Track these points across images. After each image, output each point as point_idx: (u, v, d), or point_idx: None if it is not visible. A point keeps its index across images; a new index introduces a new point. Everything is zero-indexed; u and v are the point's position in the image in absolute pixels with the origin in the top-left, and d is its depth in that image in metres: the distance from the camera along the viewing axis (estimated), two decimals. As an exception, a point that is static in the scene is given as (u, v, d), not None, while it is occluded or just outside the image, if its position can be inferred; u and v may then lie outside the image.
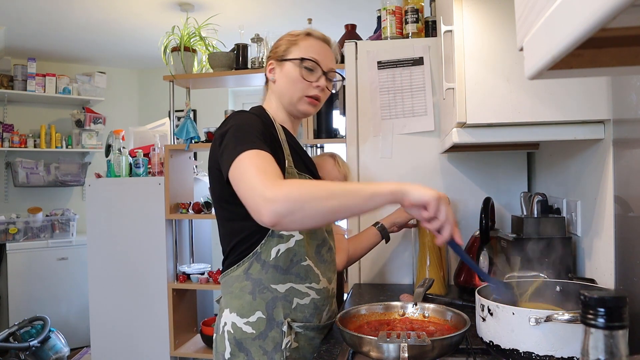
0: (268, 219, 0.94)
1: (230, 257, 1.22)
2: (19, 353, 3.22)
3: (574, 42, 0.41)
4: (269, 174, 1.00)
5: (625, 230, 1.07)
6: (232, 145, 1.08)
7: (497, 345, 0.90)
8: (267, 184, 0.97)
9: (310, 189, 0.96)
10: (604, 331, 0.50)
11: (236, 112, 1.23)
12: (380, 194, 0.96)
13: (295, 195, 0.95)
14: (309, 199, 0.95)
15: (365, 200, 0.96)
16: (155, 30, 3.71)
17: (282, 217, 0.94)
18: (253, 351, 1.16)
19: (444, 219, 0.96)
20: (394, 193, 0.96)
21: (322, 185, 1.00)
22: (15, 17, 3.42)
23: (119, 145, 3.04)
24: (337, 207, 0.96)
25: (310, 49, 1.28)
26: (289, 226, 0.98)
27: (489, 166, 1.88)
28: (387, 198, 0.97)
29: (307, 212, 0.95)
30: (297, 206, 0.94)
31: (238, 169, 1.03)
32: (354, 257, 1.63)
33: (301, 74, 1.26)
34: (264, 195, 0.95)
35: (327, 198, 0.96)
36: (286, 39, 1.31)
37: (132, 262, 2.99)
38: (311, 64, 1.26)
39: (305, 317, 1.21)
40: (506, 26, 1.17)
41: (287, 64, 1.27)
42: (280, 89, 1.29)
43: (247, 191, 1.00)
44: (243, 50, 2.91)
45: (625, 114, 1.07)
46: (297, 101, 1.28)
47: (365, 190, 0.97)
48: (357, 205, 0.97)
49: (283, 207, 0.93)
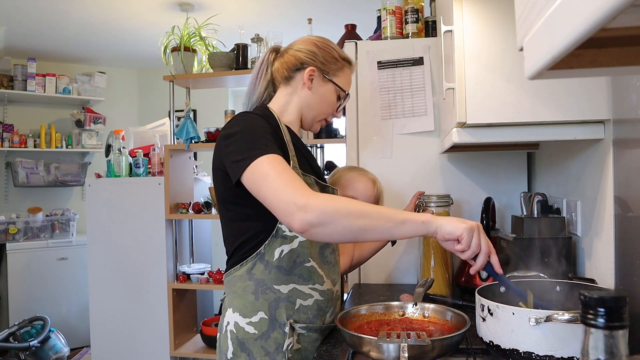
0: (299, 226, 0.96)
1: (234, 257, 1.22)
2: (19, 353, 3.22)
3: (574, 42, 0.41)
4: (297, 181, 1.02)
5: (625, 230, 1.07)
6: (244, 149, 1.08)
7: (497, 345, 0.90)
8: (298, 191, 0.99)
9: (344, 205, 0.99)
10: (604, 331, 0.50)
11: (241, 113, 1.22)
12: (412, 222, 0.98)
13: (328, 207, 0.97)
14: (342, 214, 0.97)
15: (396, 225, 0.98)
16: (155, 30, 3.71)
17: (312, 226, 0.96)
18: (255, 351, 1.16)
19: (476, 249, 0.97)
20: (426, 223, 0.98)
21: (355, 204, 1.01)
22: (15, 17, 3.42)
23: (119, 145, 3.04)
24: (368, 227, 0.97)
25: (348, 81, 1.33)
26: (316, 236, 1.00)
27: (489, 166, 1.88)
28: (418, 227, 0.98)
29: (337, 226, 0.96)
30: (329, 219, 0.96)
31: (257, 174, 1.04)
32: (360, 260, 1.62)
33: (336, 103, 1.31)
34: (296, 201, 0.97)
35: (360, 217, 0.97)
36: (334, 56, 1.29)
37: (132, 262, 2.99)
38: (344, 95, 1.31)
39: (308, 319, 1.20)
40: (506, 26, 1.17)
41: (330, 85, 1.29)
42: (311, 102, 1.29)
43: (274, 197, 1.01)
44: (243, 50, 2.91)
45: (625, 114, 1.07)
46: (317, 121, 1.32)
47: (398, 215, 0.98)
48: (388, 229, 0.98)
49: (315, 218, 0.95)
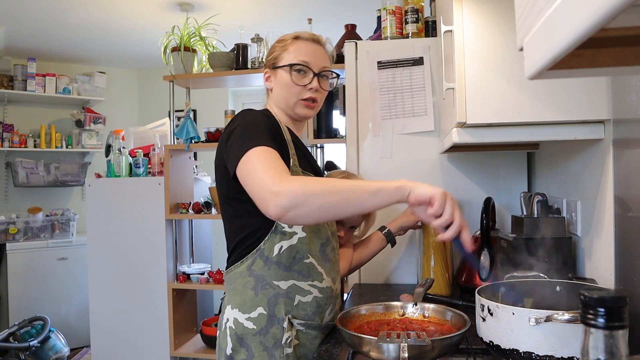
0: (274, 212, 0.97)
1: (235, 254, 1.24)
2: (19, 353, 3.22)
3: (574, 42, 0.41)
4: (276, 168, 1.03)
5: (625, 230, 1.07)
6: (239, 143, 1.10)
7: (497, 345, 0.90)
8: (274, 178, 1.00)
9: (315, 184, 0.99)
10: (604, 331, 0.50)
11: (243, 110, 1.25)
12: (385, 190, 0.97)
13: (300, 189, 0.97)
14: (314, 193, 0.97)
15: (370, 196, 0.97)
16: (155, 30, 3.71)
17: (287, 210, 0.96)
18: (253, 347, 1.17)
19: (450, 214, 0.95)
20: (399, 188, 0.97)
21: (327, 181, 1.02)
22: (15, 17, 3.42)
23: (119, 145, 3.04)
24: (342, 201, 0.97)
25: (299, 52, 1.29)
26: (294, 220, 1.00)
27: (489, 166, 1.88)
28: (392, 194, 0.97)
29: (311, 206, 0.96)
30: (301, 200, 0.96)
31: (246, 164, 1.06)
32: (359, 262, 1.62)
33: (292, 79, 1.27)
34: (271, 189, 0.98)
35: (332, 193, 0.97)
36: (277, 45, 1.32)
37: (132, 262, 2.99)
38: (301, 67, 1.28)
39: (307, 315, 1.21)
40: (506, 26, 1.17)
41: (280, 71, 1.29)
42: (277, 96, 1.32)
43: (255, 185, 1.03)
44: (243, 50, 2.91)
45: (625, 114, 1.07)
46: (294, 105, 1.30)
47: (370, 186, 0.98)
48: (362, 200, 0.98)
49: (288, 201, 0.96)
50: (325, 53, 1.34)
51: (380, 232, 1.62)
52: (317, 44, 1.32)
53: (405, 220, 1.63)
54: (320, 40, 1.34)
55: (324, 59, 1.32)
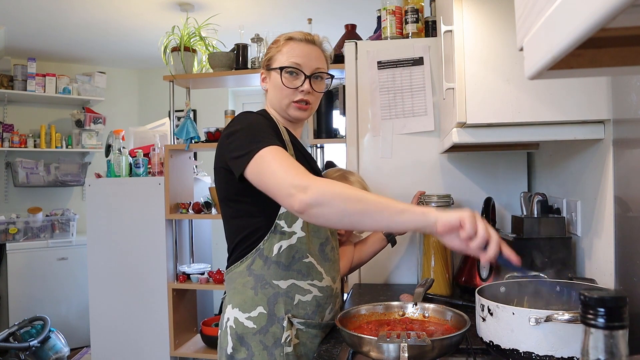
0: (298, 206, 0.97)
1: (235, 254, 1.24)
2: (19, 353, 3.22)
3: (574, 42, 0.41)
4: (296, 166, 1.04)
5: (625, 230, 1.07)
6: (246, 144, 1.10)
7: (497, 345, 0.90)
8: (300, 174, 1.00)
9: (342, 189, 0.99)
10: (604, 331, 0.50)
11: (242, 112, 1.25)
12: (411, 212, 0.95)
13: (328, 189, 0.97)
14: (340, 197, 0.97)
15: (394, 214, 0.95)
16: (155, 30, 3.71)
17: (310, 207, 0.97)
18: (253, 346, 1.18)
19: (484, 232, 0.90)
20: (425, 214, 0.94)
21: (354, 189, 1.01)
22: (15, 17, 3.42)
23: (119, 145, 3.04)
24: (365, 212, 0.96)
25: (291, 54, 1.27)
26: (315, 217, 0.99)
27: (489, 166, 1.88)
28: (417, 218, 0.94)
29: (335, 208, 0.97)
30: (327, 200, 0.96)
31: (259, 164, 1.06)
32: (360, 262, 1.61)
33: (283, 82, 1.26)
34: (295, 183, 0.99)
35: (358, 201, 0.97)
36: (272, 46, 1.32)
37: (132, 262, 2.99)
38: (292, 69, 1.26)
39: (307, 314, 1.22)
40: (506, 26, 1.17)
41: (273, 73, 1.29)
42: (270, 97, 1.32)
43: (275, 181, 1.03)
44: (243, 50, 2.91)
45: (625, 114, 1.07)
46: (287, 108, 1.29)
47: (397, 205, 0.96)
48: (386, 217, 0.96)
49: (314, 198, 0.96)
50: (321, 53, 1.31)
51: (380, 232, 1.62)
52: (311, 44, 1.29)
53: None
54: (315, 40, 1.30)
55: (317, 60, 1.29)
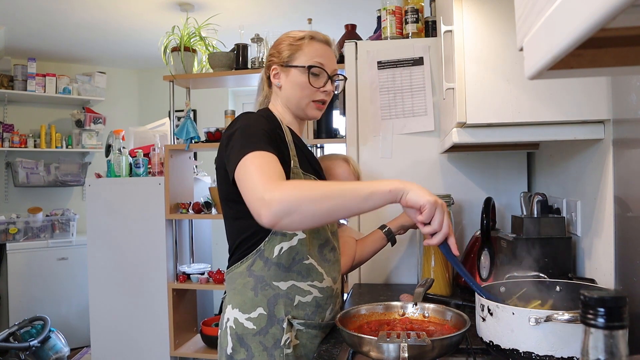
0: (267, 220, 0.96)
1: (235, 254, 1.24)
2: (19, 353, 3.22)
3: (574, 42, 0.41)
4: (270, 174, 1.01)
5: (625, 230, 1.07)
6: (238, 147, 1.09)
7: (497, 345, 0.90)
8: (266, 185, 0.98)
9: (306, 191, 0.97)
10: (604, 331, 0.50)
11: (244, 113, 1.24)
12: (378, 193, 0.97)
13: (291, 197, 0.96)
14: (305, 200, 0.96)
15: (363, 200, 0.97)
16: (155, 30, 3.71)
17: (279, 218, 0.95)
18: (253, 347, 1.18)
19: (438, 224, 0.97)
20: (392, 192, 0.97)
21: (319, 186, 1.01)
22: (15, 17, 3.42)
23: (119, 145, 3.04)
24: (334, 207, 0.97)
25: (315, 54, 1.28)
26: (288, 227, 0.99)
27: (489, 166, 1.88)
28: (385, 197, 0.97)
29: (303, 213, 0.96)
30: (293, 208, 0.95)
31: (241, 169, 1.05)
32: (360, 261, 1.62)
33: (309, 81, 1.26)
34: (263, 197, 0.97)
35: (324, 199, 0.96)
36: (288, 42, 1.30)
37: (132, 262, 2.99)
38: (318, 70, 1.27)
39: (307, 315, 1.22)
40: (506, 26, 1.17)
41: (293, 70, 1.28)
42: (287, 95, 1.30)
43: (248, 192, 1.02)
44: (243, 50, 2.91)
45: (625, 114, 1.07)
46: (306, 107, 1.29)
47: (363, 189, 0.98)
48: (355, 205, 0.98)
49: (280, 209, 0.95)
50: (334, 55, 1.34)
51: (380, 230, 1.62)
52: (329, 46, 1.32)
53: (406, 220, 1.63)
54: (331, 43, 1.33)
55: (335, 62, 1.33)
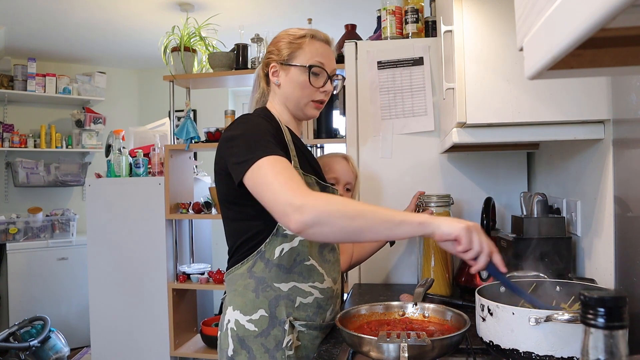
0: (295, 227, 0.96)
1: (235, 256, 1.23)
2: (19, 353, 3.22)
3: (574, 42, 0.41)
4: (294, 181, 1.01)
5: (625, 230, 1.07)
6: (245, 151, 1.08)
7: (497, 345, 0.90)
8: (296, 192, 0.98)
9: (340, 206, 0.98)
10: (604, 331, 0.50)
11: (243, 115, 1.23)
12: (408, 223, 0.96)
13: (324, 208, 0.96)
14: (338, 215, 0.96)
15: (392, 227, 0.97)
16: (155, 30, 3.71)
17: (308, 227, 0.95)
18: (255, 349, 1.17)
19: (478, 247, 0.95)
20: (423, 225, 0.96)
21: (352, 204, 1.00)
22: (15, 17, 3.42)
23: (119, 145, 3.04)
24: (363, 228, 0.97)
25: (315, 53, 1.27)
26: (313, 237, 0.99)
27: (489, 166, 1.88)
28: (415, 229, 0.97)
29: (333, 227, 0.96)
30: (324, 220, 0.95)
31: (257, 175, 1.04)
32: (358, 260, 1.62)
33: (309, 81, 1.25)
34: (292, 202, 0.97)
35: (355, 218, 0.97)
36: (288, 40, 1.28)
37: (132, 262, 2.99)
38: (318, 69, 1.26)
39: (308, 316, 1.21)
40: (506, 26, 1.17)
41: (293, 69, 1.26)
42: (286, 94, 1.29)
43: (272, 197, 1.01)
44: (243, 50, 2.91)
45: (625, 114, 1.07)
46: (304, 106, 1.29)
47: (394, 217, 0.97)
48: (384, 230, 0.97)
49: (311, 219, 0.95)
50: (334, 55, 1.34)
51: None
52: (329, 45, 1.31)
53: None
54: (331, 42, 1.32)
55: (334, 61, 1.32)
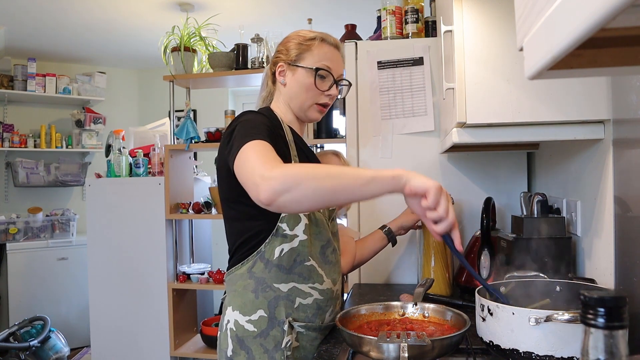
0: (265, 196, 0.94)
1: (235, 256, 1.23)
2: (19, 353, 3.22)
3: (574, 42, 0.41)
4: (269, 157, 1.01)
5: (625, 230, 1.07)
6: (237, 141, 1.09)
7: (497, 345, 0.90)
8: (267, 165, 0.98)
9: (307, 169, 0.97)
10: (603, 331, 0.50)
11: (244, 112, 1.23)
12: (380, 178, 0.95)
13: (292, 172, 0.95)
14: (306, 177, 0.94)
15: (364, 183, 0.95)
16: (155, 30, 3.71)
17: (277, 194, 0.93)
18: (254, 349, 1.17)
19: (444, 210, 0.93)
20: (395, 178, 0.95)
21: (320, 166, 1.00)
22: (15, 17, 3.42)
23: (119, 145, 3.04)
24: (335, 187, 0.95)
25: (324, 57, 1.26)
26: (286, 205, 0.96)
27: (489, 166, 1.88)
28: (387, 183, 0.95)
29: (303, 190, 0.93)
30: (293, 183, 0.93)
31: (240, 158, 1.05)
32: (360, 261, 1.62)
33: (315, 83, 1.25)
34: (263, 174, 0.96)
35: (325, 178, 0.95)
36: (297, 41, 1.28)
37: (132, 262, 2.99)
38: (325, 73, 1.26)
39: (308, 317, 1.21)
40: (506, 26, 1.17)
41: (300, 70, 1.26)
42: (291, 94, 1.29)
43: (247, 174, 1.01)
44: (243, 50, 2.91)
45: (625, 114, 1.07)
46: (308, 108, 1.28)
47: (365, 173, 0.96)
48: (356, 188, 0.95)
49: (279, 184, 0.93)
50: (342, 59, 1.33)
51: (380, 230, 1.62)
52: (338, 49, 1.31)
53: (406, 220, 1.63)
54: (340, 47, 1.32)
55: (342, 66, 1.32)
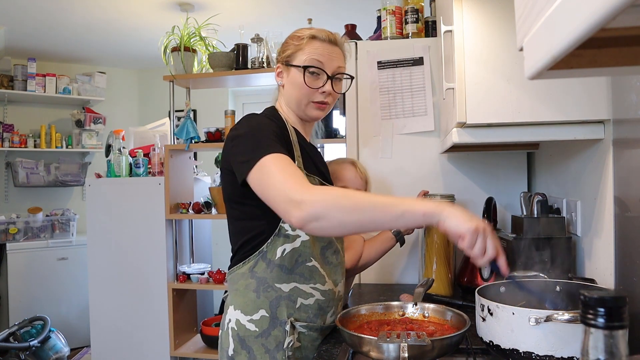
0: (296, 221, 0.97)
1: (238, 255, 1.24)
2: (19, 353, 3.22)
3: (574, 42, 0.41)
4: (296, 178, 1.01)
5: (625, 230, 1.07)
6: (249, 150, 1.08)
7: (497, 345, 0.90)
8: (295, 187, 0.99)
9: (339, 199, 0.97)
10: (604, 331, 0.50)
11: (248, 115, 1.23)
12: (412, 213, 0.94)
13: (324, 202, 0.96)
14: (337, 209, 0.96)
15: (394, 218, 0.95)
16: (155, 30, 3.71)
17: (307, 221, 0.96)
18: (255, 349, 1.17)
19: (480, 250, 0.91)
20: (427, 215, 0.93)
21: (351, 197, 0.99)
22: (15, 17, 3.42)
23: (119, 145, 3.04)
24: (364, 221, 0.96)
25: (314, 53, 1.25)
26: (314, 231, 0.99)
27: (489, 166, 1.88)
28: (418, 220, 0.94)
29: (332, 221, 0.95)
30: (323, 214, 0.95)
31: (260, 173, 1.05)
32: (368, 261, 1.59)
33: (305, 81, 1.24)
34: (293, 197, 0.97)
35: (355, 211, 0.96)
36: (292, 42, 1.28)
37: (132, 262, 2.99)
38: (315, 69, 1.25)
39: (309, 318, 1.21)
40: (506, 26, 1.17)
41: (293, 69, 1.26)
42: (288, 94, 1.29)
43: (274, 194, 1.02)
44: (243, 50, 2.90)
45: (625, 114, 1.07)
46: (305, 107, 1.28)
47: (396, 207, 0.95)
48: (386, 222, 0.97)
49: (309, 213, 0.95)
50: (341, 53, 1.30)
51: (389, 230, 1.60)
52: (334, 44, 1.28)
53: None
54: (337, 41, 1.29)
55: (338, 60, 1.29)
